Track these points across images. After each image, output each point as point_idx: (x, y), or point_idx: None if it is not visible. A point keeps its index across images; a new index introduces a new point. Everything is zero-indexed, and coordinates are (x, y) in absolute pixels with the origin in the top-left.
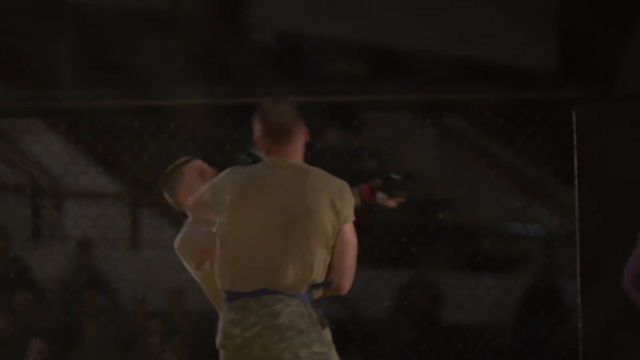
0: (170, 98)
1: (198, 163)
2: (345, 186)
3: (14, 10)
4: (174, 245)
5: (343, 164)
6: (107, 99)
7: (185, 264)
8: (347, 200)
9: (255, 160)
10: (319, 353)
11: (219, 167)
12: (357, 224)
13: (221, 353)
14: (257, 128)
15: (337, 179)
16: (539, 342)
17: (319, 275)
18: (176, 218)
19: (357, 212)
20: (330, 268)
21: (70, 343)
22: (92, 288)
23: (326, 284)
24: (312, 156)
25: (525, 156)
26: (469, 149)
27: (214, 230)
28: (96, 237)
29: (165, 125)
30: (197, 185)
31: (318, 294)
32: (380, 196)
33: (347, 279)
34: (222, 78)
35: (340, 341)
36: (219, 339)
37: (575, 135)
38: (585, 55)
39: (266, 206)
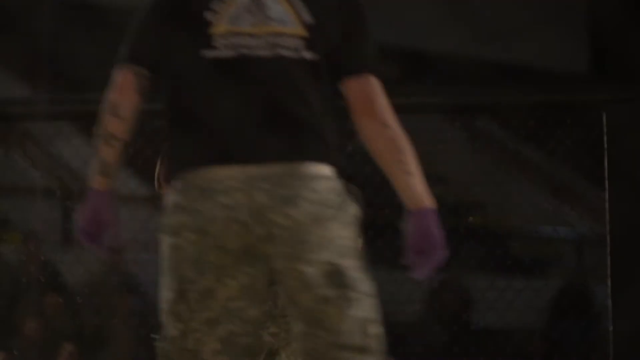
0: None
1: None
2: None
3: (45, 13)
4: None
5: (374, 167)
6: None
7: None
8: None
9: None
10: None
11: None
12: (388, 225)
13: None
14: None
15: None
16: (569, 345)
17: None
18: None
19: (390, 215)
20: None
21: (101, 346)
22: (122, 291)
23: None
24: (344, 159)
25: (555, 158)
26: (500, 152)
27: None
28: (127, 240)
29: None
30: None
31: None
32: None
33: None
34: None
35: None
36: None
37: (605, 138)
38: (616, 56)
39: None
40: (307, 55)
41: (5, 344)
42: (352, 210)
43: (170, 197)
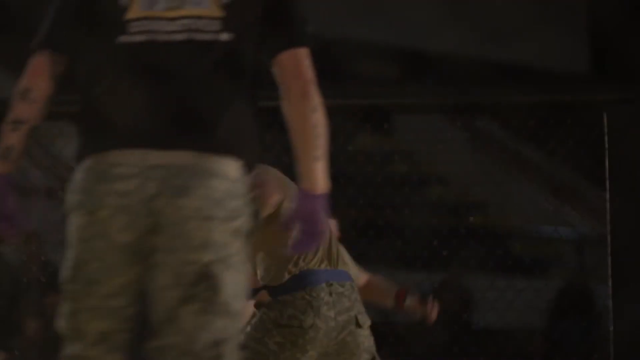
0: None
1: None
2: None
3: (45, 12)
4: None
5: (375, 167)
6: None
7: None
8: None
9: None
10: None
11: None
12: (389, 226)
13: (297, 332)
14: None
15: None
16: (570, 345)
17: None
18: None
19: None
20: None
21: None
22: None
23: None
24: (344, 159)
25: (556, 158)
26: (500, 152)
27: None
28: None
29: None
30: None
31: None
32: (410, 301)
33: None
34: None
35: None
36: (308, 319)
37: (606, 138)
38: (617, 57)
39: None
40: (224, 36)
41: (7, 344)
42: (245, 220)
43: (75, 176)
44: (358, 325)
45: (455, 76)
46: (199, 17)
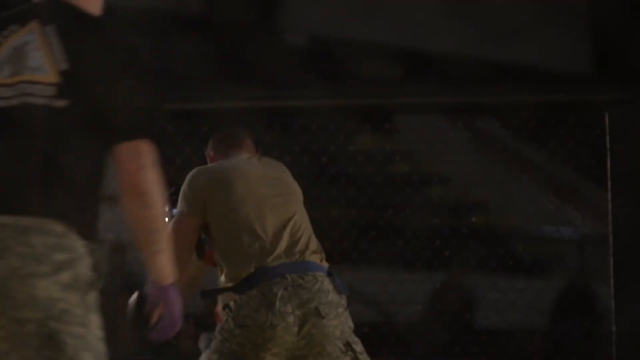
0: (203, 101)
1: None
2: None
3: None
4: None
5: (375, 167)
6: None
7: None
8: None
9: None
10: (351, 327)
11: None
12: (389, 226)
13: (255, 331)
14: (211, 145)
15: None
16: (571, 346)
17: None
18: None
19: (391, 215)
20: None
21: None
22: (125, 291)
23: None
24: (345, 159)
25: (557, 158)
26: (502, 152)
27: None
28: (130, 240)
29: (198, 128)
30: None
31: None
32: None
33: None
34: (254, 81)
35: (373, 344)
36: (261, 317)
37: (608, 137)
38: (618, 56)
39: (257, 185)
40: (59, 103)
41: None
42: (80, 271)
43: None
44: (320, 315)
45: (455, 76)
46: (34, 82)
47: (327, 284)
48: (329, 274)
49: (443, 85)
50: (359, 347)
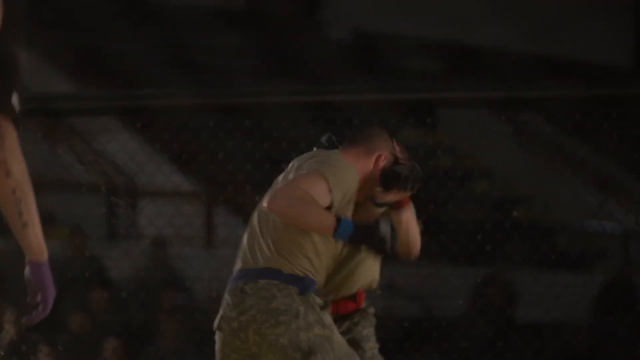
0: (246, 96)
1: None
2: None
3: (92, 8)
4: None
5: (418, 162)
6: (183, 97)
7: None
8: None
9: (332, 144)
10: (321, 335)
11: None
12: (432, 220)
13: (218, 335)
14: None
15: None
16: (615, 341)
17: (297, 259)
18: (250, 216)
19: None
20: None
21: (146, 341)
22: (168, 286)
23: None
24: None
25: (601, 152)
26: (545, 146)
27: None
28: (172, 235)
29: (241, 123)
30: None
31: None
32: (377, 191)
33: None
34: (298, 75)
35: (416, 339)
36: (216, 320)
37: None
38: None
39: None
40: None
41: (51, 339)
42: None
43: None
44: (259, 321)
45: (499, 70)
46: None
47: (275, 291)
48: (296, 280)
49: (486, 79)
50: (318, 357)
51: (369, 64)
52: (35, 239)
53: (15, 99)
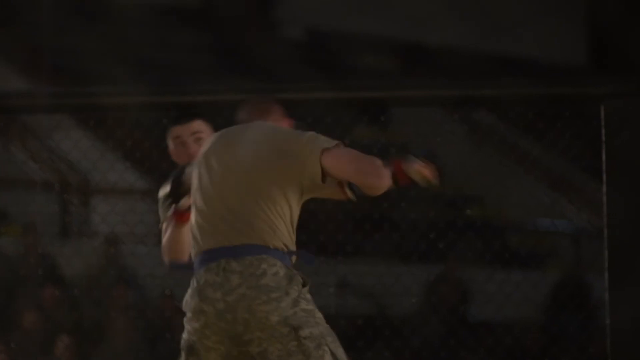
0: (199, 94)
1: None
2: (292, 131)
3: (44, 5)
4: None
5: None
6: (136, 95)
7: None
8: (302, 137)
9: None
10: (305, 310)
11: None
12: (385, 219)
13: (193, 318)
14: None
15: (285, 129)
16: (566, 338)
17: (286, 232)
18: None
19: (386, 204)
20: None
21: (98, 339)
22: (120, 284)
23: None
24: None
25: (554, 151)
26: (498, 144)
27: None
28: (124, 233)
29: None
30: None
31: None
32: (416, 167)
33: (369, 177)
34: (251, 73)
35: (369, 336)
36: (193, 304)
37: (604, 131)
38: (615, 49)
39: (231, 156)
40: None
41: (3, 337)
42: None
43: None
44: (251, 298)
45: (452, 68)
46: None
47: (265, 267)
48: (281, 255)
49: (440, 77)
50: (305, 331)
51: (323, 62)
52: None
53: None
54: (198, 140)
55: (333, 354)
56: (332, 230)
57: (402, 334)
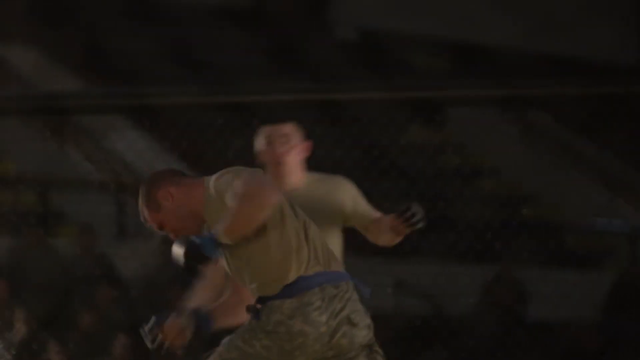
0: (254, 94)
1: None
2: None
3: (98, 6)
4: None
5: (427, 159)
6: (191, 95)
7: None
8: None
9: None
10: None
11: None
12: (441, 219)
13: (284, 338)
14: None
15: None
16: (623, 338)
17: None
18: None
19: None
20: None
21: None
22: (177, 284)
23: None
24: (397, 152)
25: (609, 150)
26: (553, 144)
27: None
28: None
29: (249, 121)
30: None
31: None
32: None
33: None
34: (305, 74)
35: (426, 337)
36: (297, 323)
37: None
38: None
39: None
40: None
41: (61, 337)
42: None
43: None
44: (352, 324)
45: (507, 69)
46: None
47: (356, 293)
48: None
49: (494, 77)
50: (379, 349)
51: (375, 62)
52: None
53: None
54: (287, 143)
55: None
56: None
57: (459, 335)
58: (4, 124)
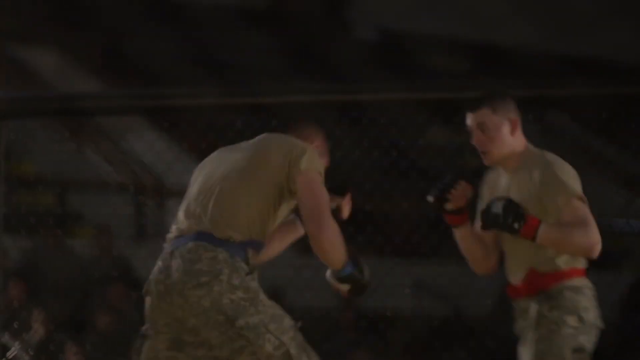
0: (273, 95)
1: None
2: (309, 148)
3: (117, 8)
4: None
5: (446, 161)
6: (211, 97)
7: None
8: (308, 154)
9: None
10: (245, 298)
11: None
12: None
13: (146, 300)
14: None
15: (299, 143)
16: None
17: (250, 228)
18: None
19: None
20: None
21: None
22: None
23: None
24: (416, 153)
25: (628, 151)
26: (572, 144)
27: None
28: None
29: (268, 122)
30: None
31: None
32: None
33: (313, 227)
34: (324, 75)
35: (445, 338)
36: (146, 284)
37: None
38: None
39: (224, 159)
40: None
41: (78, 338)
42: None
43: None
44: (180, 283)
45: (525, 69)
46: None
47: (202, 252)
48: (224, 243)
49: (512, 78)
50: (241, 321)
51: (395, 62)
52: None
53: None
54: (485, 131)
55: (278, 340)
56: (407, 232)
57: (477, 336)
58: (24, 126)
